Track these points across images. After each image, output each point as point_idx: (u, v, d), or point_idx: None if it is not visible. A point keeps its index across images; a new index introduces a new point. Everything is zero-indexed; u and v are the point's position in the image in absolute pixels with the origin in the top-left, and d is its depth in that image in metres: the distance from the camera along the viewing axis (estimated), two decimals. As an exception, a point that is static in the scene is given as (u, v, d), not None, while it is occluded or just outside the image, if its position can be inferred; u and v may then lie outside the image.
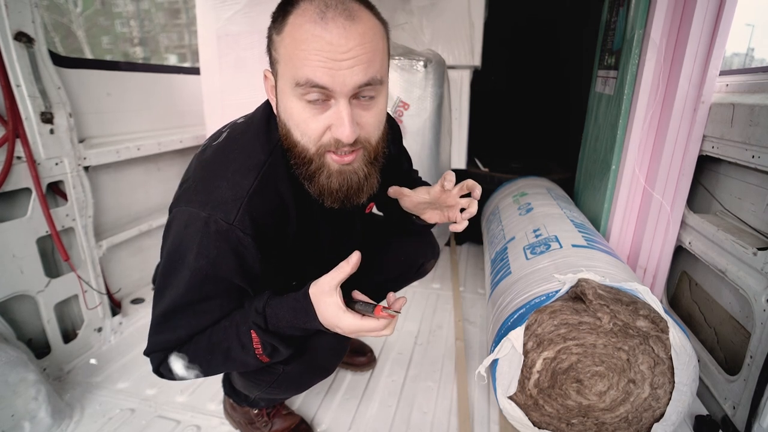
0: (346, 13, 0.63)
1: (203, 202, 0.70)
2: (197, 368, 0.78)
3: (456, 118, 2.29)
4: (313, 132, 0.68)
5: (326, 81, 0.63)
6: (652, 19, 1.38)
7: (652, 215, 1.49)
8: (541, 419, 1.04)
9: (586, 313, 0.96)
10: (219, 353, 0.76)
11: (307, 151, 0.70)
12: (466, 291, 1.95)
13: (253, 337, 0.73)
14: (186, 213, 0.71)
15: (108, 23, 18.46)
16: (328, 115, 0.67)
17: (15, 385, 1.06)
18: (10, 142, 1.17)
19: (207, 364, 0.78)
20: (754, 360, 1.07)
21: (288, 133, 0.72)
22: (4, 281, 1.20)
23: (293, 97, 0.67)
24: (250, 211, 0.70)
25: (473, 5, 2.16)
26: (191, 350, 0.77)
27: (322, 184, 0.72)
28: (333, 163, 0.71)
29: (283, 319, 0.73)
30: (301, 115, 0.68)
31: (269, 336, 0.73)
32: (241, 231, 0.69)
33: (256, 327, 0.73)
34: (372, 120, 0.71)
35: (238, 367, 0.82)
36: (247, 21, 1.66)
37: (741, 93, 1.28)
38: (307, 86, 0.64)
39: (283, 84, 0.68)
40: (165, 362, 0.78)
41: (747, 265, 1.14)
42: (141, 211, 1.80)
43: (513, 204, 1.86)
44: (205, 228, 0.69)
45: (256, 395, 0.97)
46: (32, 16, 1.22)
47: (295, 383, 0.88)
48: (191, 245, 0.69)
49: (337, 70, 0.63)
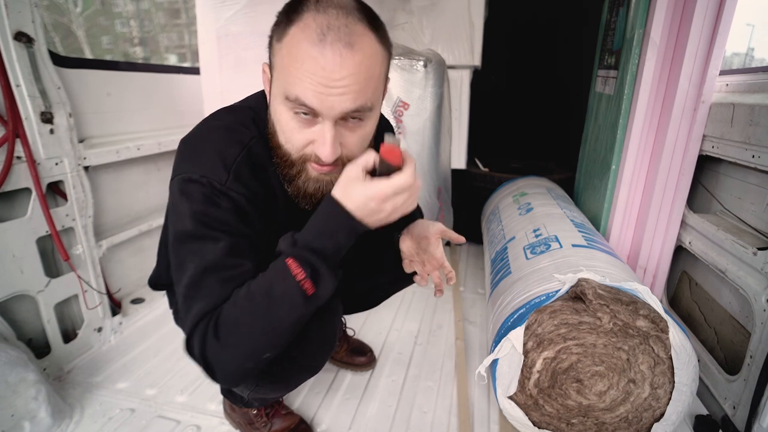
0: (346, 38, 0.62)
1: (194, 167, 0.71)
2: (242, 330, 0.66)
3: (456, 118, 2.29)
4: (297, 142, 0.70)
5: (315, 104, 0.65)
6: (652, 19, 1.38)
7: (652, 215, 1.49)
8: (541, 419, 1.04)
9: (586, 313, 0.96)
10: (260, 297, 0.66)
11: (289, 155, 0.73)
12: (466, 291, 1.95)
13: (289, 264, 0.65)
14: (178, 181, 0.71)
15: (108, 23, 18.47)
16: (313, 131, 0.69)
17: (15, 385, 1.06)
18: (10, 142, 1.17)
19: (251, 320, 0.65)
20: (754, 360, 1.07)
21: (274, 133, 0.74)
22: (4, 281, 1.20)
23: (283, 106, 0.68)
24: (239, 178, 0.71)
25: (473, 5, 2.16)
26: (231, 308, 0.66)
27: (298, 187, 0.75)
28: (312, 170, 0.73)
29: (308, 231, 0.68)
30: (288, 124, 0.69)
31: (302, 251, 0.66)
32: (234, 192, 0.70)
33: (288, 247, 0.67)
34: (356, 140, 0.72)
35: (287, 311, 0.67)
36: (247, 21, 1.66)
37: (741, 93, 1.28)
38: (296, 103, 0.66)
39: (276, 90, 0.70)
40: (208, 338, 0.66)
41: (747, 265, 1.14)
42: (141, 211, 1.80)
43: (513, 204, 1.86)
44: (200, 187, 0.69)
45: (248, 395, 0.97)
46: (32, 16, 1.22)
47: (282, 381, 0.87)
48: (191, 201, 0.69)
49: (327, 96, 0.64)
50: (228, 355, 0.66)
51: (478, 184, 2.40)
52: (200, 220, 0.69)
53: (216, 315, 0.67)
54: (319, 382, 1.33)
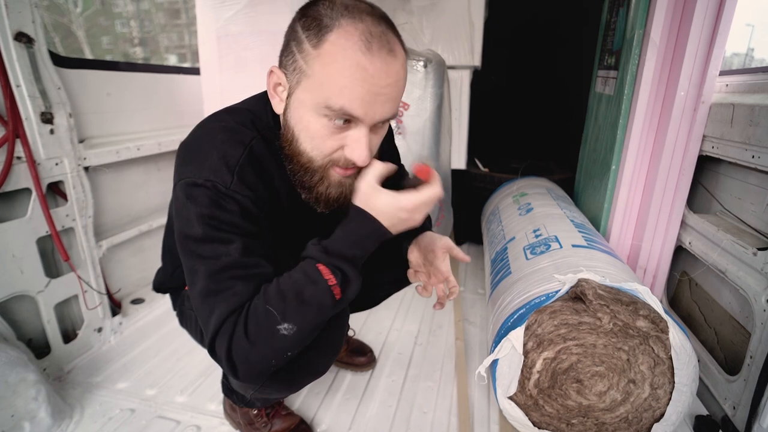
0: (388, 46, 0.64)
1: (198, 170, 0.70)
2: (271, 329, 0.66)
3: (456, 118, 2.29)
4: (327, 148, 0.70)
5: (360, 113, 0.65)
6: (652, 19, 1.38)
7: (652, 215, 1.49)
8: (541, 419, 1.04)
9: (586, 313, 0.96)
10: (292, 299, 0.67)
11: (312, 162, 0.72)
12: (466, 291, 1.95)
13: (320, 270, 0.68)
14: (183, 185, 0.70)
15: (108, 23, 18.46)
16: (344, 136, 0.69)
17: (15, 385, 1.06)
18: (10, 142, 1.17)
19: (282, 319, 0.67)
20: (754, 360, 1.07)
21: (295, 141, 0.73)
22: (4, 281, 1.20)
23: (315, 113, 0.68)
24: (244, 179, 0.71)
25: (473, 5, 2.16)
26: (260, 306, 0.67)
27: (319, 193, 0.75)
28: (335, 175, 0.73)
29: (341, 240, 0.71)
30: (319, 132, 0.69)
31: (335, 258, 0.69)
32: (239, 194, 0.69)
33: (319, 254, 0.69)
34: (378, 142, 0.75)
35: (315, 313, 0.69)
36: (247, 21, 1.66)
37: (741, 93, 1.28)
38: (339, 113, 0.65)
39: (306, 98, 0.68)
40: (236, 337, 0.66)
41: (747, 265, 1.14)
42: (141, 211, 1.80)
43: (513, 204, 1.86)
44: (205, 191, 0.69)
45: (251, 395, 0.97)
46: (32, 16, 1.22)
47: (287, 383, 0.87)
48: (198, 206, 0.69)
49: (373, 104, 0.65)
50: (256, 354, 0.67)
51: (478, 184, 2.40)
52: (209, 223, 0.68)
53: (245, 314, 0.67)
54: (319, 382, 1.33)
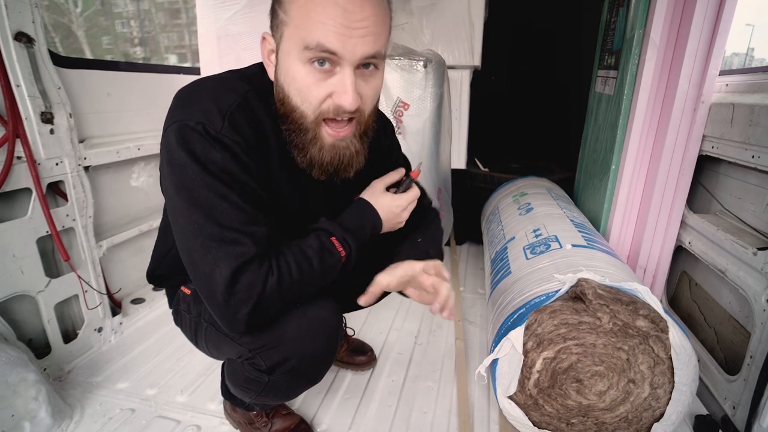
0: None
1: (189, 113, 0.69)
2: (303, 286, 0.74)
3: (456, 118, 2.29)
4: (314, 98, 0.69)
5: (337, 47, 0.65)
6: (652, 19, 1.38)
7: (652, 215, 1.49)
8: (541, 419, 1.04)
9: (586, 313, 0.96)
10: (317, 263, 0.75)
11: (305, 118, 0.72)
12: (466, 291, 1.95)
13: (335, 243, 0.78)
14: (174, 128, 0.69)
15: (108, 23, 18.48)
16: (332, 82, 0.69)
17: (15, 385, 1.06)
18: (10, 142, 1.17)
19: (310, 279, 0.74)
20: (754, 360, 1.07)
21: (286, 98, 0.72)
22: (5, 281, 1.20)
23: (298, 60, 0.68)
24: (234, 125, 0.70)
25: (473, 5, 2.16)
26: (296, 268, 0.72)
27: (312, 156, 0.74)
28: (327, 137, 0.73)
29: (352, 221, 0.83)
30: (304, 80, 0.69)
31: (346, 234, 0.79)
32: (229, 139, 0.68)
33: (332, 228, 0.79)
34: (370, 92, 0.74)
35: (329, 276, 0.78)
36: (247, 21, 1.66)
37: (741, 93, 1.28)
38: (317, 50, 0.65)
39: (289, 46, 0.69)
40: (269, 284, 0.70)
41: (747, 265, 1.15)
42: (141, 211, 1.80)
43: (513, 204, 1.86)
44: (198, 134, 0.68)
45: (249, 401, 0.98)
46: (32, 16, 1.22)
47: (283, 391, 0.88)
48: (189, 149, 0.67)
49: (349, 38, 0.65)
50: (282, 302, 0.74)
51: (478, 184, 2.40)
52: (204, 167, 0.67)
53: (278, 268, 0.71)
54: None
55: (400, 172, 0.92)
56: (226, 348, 0.87)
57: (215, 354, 0.96)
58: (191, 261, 0.71)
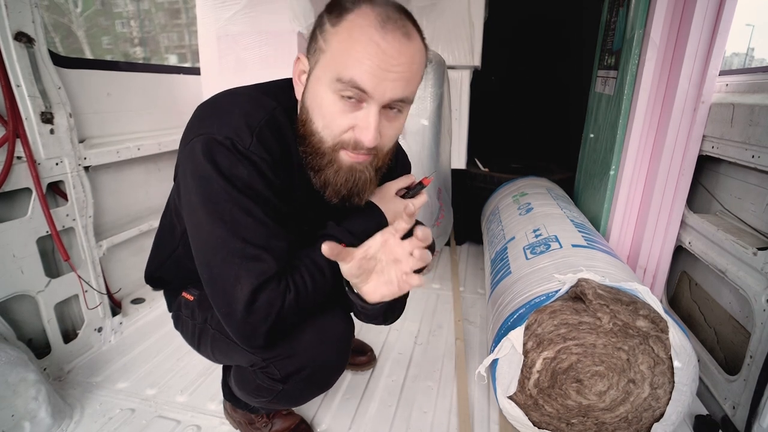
0: (404, 29, 0.67)
1: (217, 127, 0.70)
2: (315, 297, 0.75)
3: (456, 118, 2.29)
4: (337, 127, 0.70)
5: (368, 86, 0.66)
6: (652, 19, 1.38)
7: (652, 215, 1.49)
8: (541, 419, 1.04)
9: (586, 313, 0.96)
10: (328, 272, 0.75)
11: (323, 143, 0.72)
12: (466, 291, 1.95)
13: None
14: (201, 140, 0.70)
15: (108, 23, 18.49)
16: (357, 116, 0.69)
17: (15, 385, 1.06)
18: (10, 142, 1.17)
19: (322, 290, 0.75)
20: (754, 360, 1.07)
21: (309, 121, 0.73)
22: (5, 281, 1.20)
23: (329, 89, 0.69)
24: (262, 142, 0.71)
25: (473, 5, 2.16)
26: (310, 281, 0.73)
27: (327, 177, 0.75)
28: (346, 158, 0.73)
29: (360, 225, 0.82)
30: (330, 108, 0.69)
31: (356, 239, 0.78)
32: (257, 156, 0.70)
33: (341, 235, 0.79)
34: (391, 133, 0.74)
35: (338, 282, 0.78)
36: (247, 21, 1.66)
37: (741, 93, 1.28)
38: (349, 85, 0.66)
39: (322, 73, 0.69)
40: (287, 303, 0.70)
41: (747, 265, 1.15)
42: (141, 211, 1.80)
43: (513, 204, 1.86)
44: (226, 149, 0.68)
45: (256, 405, 0.97)
46: (32, 16, 1.22)
47: (294, 398, 0.89)
48: (217, 163, 0.68)
49: (382, 80, 0.66)
50: (299, 316, 0.74)
51: (478, 184, 2.40)
52: (231, 183, 0.68)
53: (294, 284, 0.72)
54: (319, 382, 1.33)
55: (410, 178, 0.92)
56: (235, 356, 0.87)
57: (221, 360, 0.96)
58: (210, 275, 0.71)
